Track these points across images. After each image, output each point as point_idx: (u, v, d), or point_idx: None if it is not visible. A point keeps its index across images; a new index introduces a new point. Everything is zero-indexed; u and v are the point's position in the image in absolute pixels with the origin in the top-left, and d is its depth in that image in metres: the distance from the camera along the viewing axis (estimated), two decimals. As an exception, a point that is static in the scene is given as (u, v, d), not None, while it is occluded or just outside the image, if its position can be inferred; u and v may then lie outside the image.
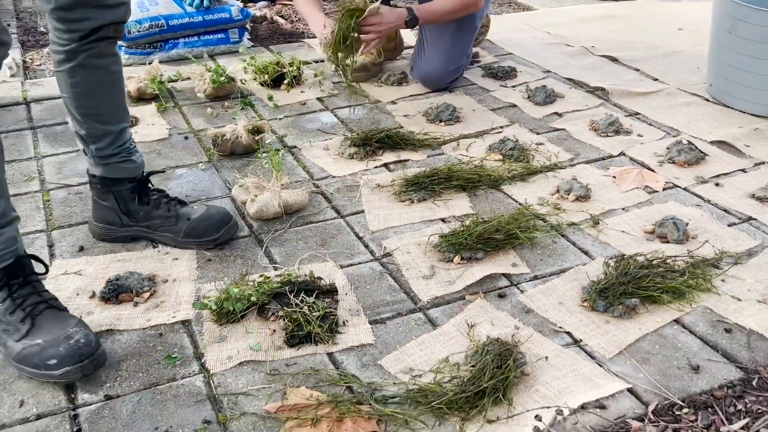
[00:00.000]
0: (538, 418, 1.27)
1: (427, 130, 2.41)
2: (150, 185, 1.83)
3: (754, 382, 1.37)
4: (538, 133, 2.42)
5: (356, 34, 2.50)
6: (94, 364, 1.37)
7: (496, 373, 1.34)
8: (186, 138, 2.40)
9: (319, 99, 2.69)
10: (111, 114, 1.74)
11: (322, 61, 3.02)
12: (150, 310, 1.59)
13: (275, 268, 1.74)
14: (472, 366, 1.38)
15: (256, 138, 2.26)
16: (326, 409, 1.30)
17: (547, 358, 1.43)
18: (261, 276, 1.64)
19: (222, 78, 2.64)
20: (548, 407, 1.30)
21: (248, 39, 3.25)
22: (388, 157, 2.26)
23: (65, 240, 1.84)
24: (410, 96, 2.71)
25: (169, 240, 1.80)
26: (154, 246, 1.83)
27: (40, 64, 3.07)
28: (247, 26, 3.26)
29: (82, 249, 1.81)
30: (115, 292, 1.61)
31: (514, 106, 2.62)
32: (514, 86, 2.79)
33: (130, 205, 1.78)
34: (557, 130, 2.45)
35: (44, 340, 1.36)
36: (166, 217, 1.79)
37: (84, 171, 2.09)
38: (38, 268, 1.49)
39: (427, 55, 2.70)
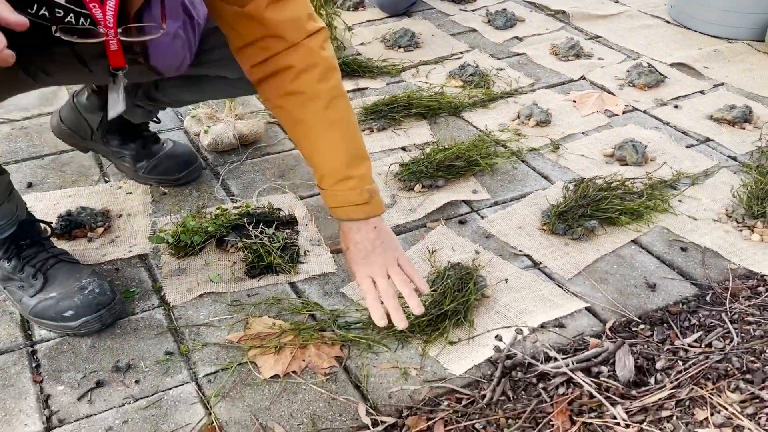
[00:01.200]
0: (498, 338, 1.29)
1: (386, 57, 2.36)
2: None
3: (707, 298, 1.41)
4: (498, 59, 2.38)
5: None
6: (111, 313, 1.33)
7: (457, 297, 1.35)
8: (135, 69, 2.30)
9: (274, 26, 2.59)
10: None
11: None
12: (105, 245, 1.55)
13: (233, 201, 1.70)
14: (434, 290, 1.39)
15: (209, 67, 2.17)
16: (289, 337, 1.30)
17: (507, 280, 1.44)
18: (218, 208, 1.61)
19: (171, 5, 2.52)
20: (508, 327, 1.32)
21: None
22: (346, 85, 2.20)
23: (12, 177, 1.76)
24: (367, 21, 2.63)
25: (128, 171, 1.74)
26: (106, 180, 1.77)
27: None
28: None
29: (30, 185, 1.75)
30: (68, 228, 1.56)
31: (474, 30, 2.57)
32: (473, 10, 2.73)
33: (109, 134, 1.69)
34: (518, 54, 2.41)
35: (58, 293, 1.32)
36: (137, 152, 1.71)
37: (27, 106, 2.00)
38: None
39: (385, -21, 2.62)
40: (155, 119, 1.73)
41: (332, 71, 1.28)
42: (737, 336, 1.30)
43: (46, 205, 1.66)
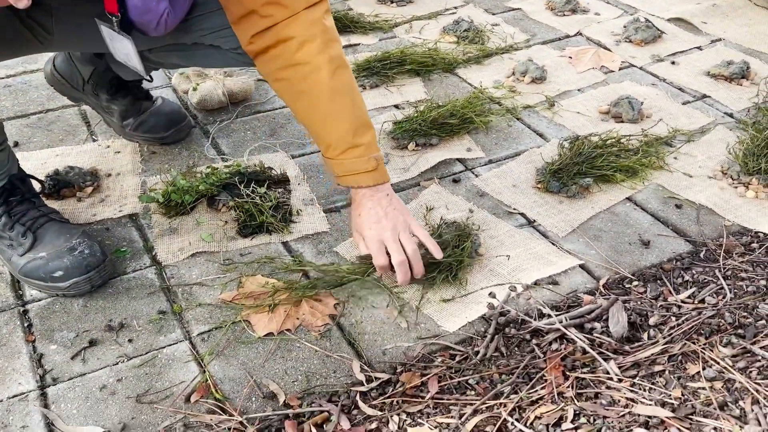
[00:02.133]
0: (492, 295, 1.29)
1: (378, 12, 2.31)
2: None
3: (701, 254, 1.41)
4: (493, 14, 2.34)
5: None
6: (101, 275, 1.32)
7: (453, 252, 1.34)
8: (122, 25, 2.24)
9: (264, -19, 2.53)
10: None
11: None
12: (95, 205, 1.53)
13: (223, 160, 1.68)
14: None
15: (198, 23, 2.12)
16: (283, 296, 1.30)
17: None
18: (209, 167, 1.59)
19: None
20: (502, 284, 1.32)
21: None
22: (339, 41, 2.16)
23: (-2, 136, 1.74)
24: (360, -24, 2.57)
25: (116, 127, 1.71)
26: (93, 139, 1.74)
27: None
28: None
29: (17, 144, 1.72)
30: (56, 188, 1.54)
31: (469, -15, 2.52)
32: (468, -35, 2.67)
33: (99, 87, 1.66)
34: (513, 9, 2.37)
35: (48, 253, 1.30)
36: (126, 108, 1.68)
37: (11, 63, 1.96)
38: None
39: (377, -68, 2.55)
40: (148, 78, 1.70)
41: (334, 42, 1.27)
42: (730, 292, 1.30)
43: (33, 165, 1.64)
